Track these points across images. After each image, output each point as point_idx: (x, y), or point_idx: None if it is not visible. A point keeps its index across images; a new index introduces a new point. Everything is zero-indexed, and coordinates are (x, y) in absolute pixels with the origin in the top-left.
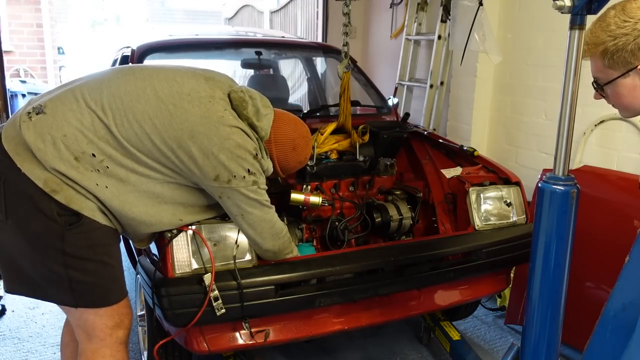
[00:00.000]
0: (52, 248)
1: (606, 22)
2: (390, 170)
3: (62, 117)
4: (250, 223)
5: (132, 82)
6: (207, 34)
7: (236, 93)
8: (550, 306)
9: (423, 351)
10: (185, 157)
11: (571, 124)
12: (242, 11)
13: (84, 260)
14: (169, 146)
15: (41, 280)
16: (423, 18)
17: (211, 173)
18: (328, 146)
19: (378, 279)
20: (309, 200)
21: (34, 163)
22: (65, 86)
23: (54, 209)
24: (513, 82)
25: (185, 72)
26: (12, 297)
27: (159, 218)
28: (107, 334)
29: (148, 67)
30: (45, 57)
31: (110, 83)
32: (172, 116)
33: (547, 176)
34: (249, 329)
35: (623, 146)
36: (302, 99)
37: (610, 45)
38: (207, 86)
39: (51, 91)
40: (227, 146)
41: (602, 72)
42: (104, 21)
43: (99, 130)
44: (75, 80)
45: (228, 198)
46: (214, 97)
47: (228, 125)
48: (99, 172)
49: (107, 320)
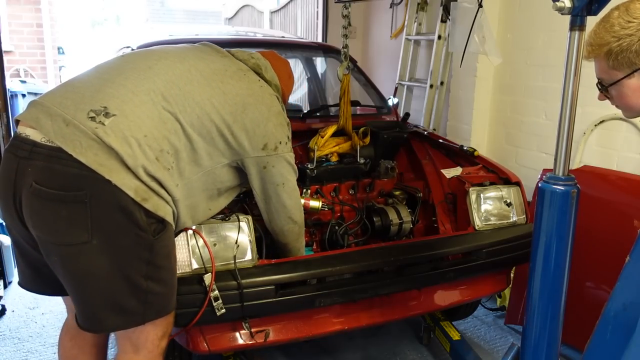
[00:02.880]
0: (139, 260)
1: (610, 23)
2: (391, 173)
3: (135, 115)
4: (289, 192)
5: (174, 65)
6: (207, 34)
7: (249, 61)
8: (551, 306)
9: (423, 351)
10: (239, 131)
11: (571, 125)
12: (242, 11)
13: (162, 269)
14: (227, 123)
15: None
16: (423, 18)
17: (260, 142)
18: (328, 149)
19: (378, 279)
20: (309, 205)
21: (123, 172)
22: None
23: (144, 219)
24: (513, 82)
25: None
26: (12, 297)
27: (197, 209)
28: (156, 345)
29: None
30: (45, 57)
31: (156, 70)
32: (225, 93)
33: (548, 176)
34: (249, 329)
35: (623, 146)
36: (302, 99)
37: (614, 47)
38: (229, 60)
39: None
40: (273, 113)
41: (607, 73)
42: (104, 21)
43: (168, 122)
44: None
45: (273, 167)
46: (242, 69)
47: (268, 94)
48: (170, 170)
49: (158, 330)
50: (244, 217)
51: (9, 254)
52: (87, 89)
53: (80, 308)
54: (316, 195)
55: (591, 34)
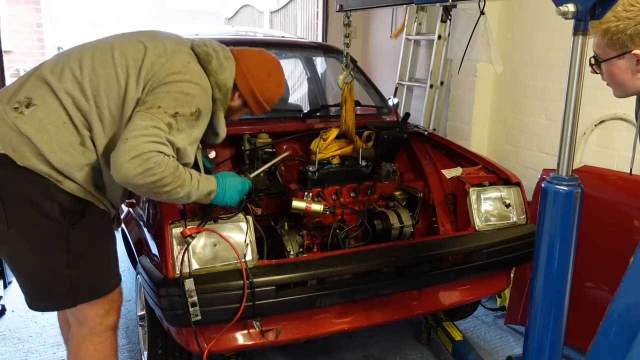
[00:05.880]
0: (57, 250)
1: (615, 3)
2: (392, 177)
3: (54, 103)
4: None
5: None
6: (207, 34)
7: (199, 47)
8: (554, 307)
9: (423, 351)
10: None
11: (575, 128)
12: (242, 11)
13: (85, 256)
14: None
15: (42, 289)
16: (423, 18)
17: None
18: (331, 152)
19: (378, 279)
20: (311, 208)
21: (34, 158)
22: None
23: (57, 210)
24: (513, 82)
25: (146, 33)
26: (12, 297)
27: None
28: (98, 322)
29: (109, 36)
30: (45, 57)
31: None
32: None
33: (551, 176)
34: (259, 327)
35: (623, 146)
36: (302, 99)
37: (612, 26)
38: (171, 42)
39: (22, 79)
40: (178, 87)
41: (601, 49)
42: (104, 21)
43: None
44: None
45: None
46: (180, 50)
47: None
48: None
49: (98, 309)
50: (245, 218)
51: None
52: (20, 81)
53: (21, 288)
54: (317, 199)
55: None
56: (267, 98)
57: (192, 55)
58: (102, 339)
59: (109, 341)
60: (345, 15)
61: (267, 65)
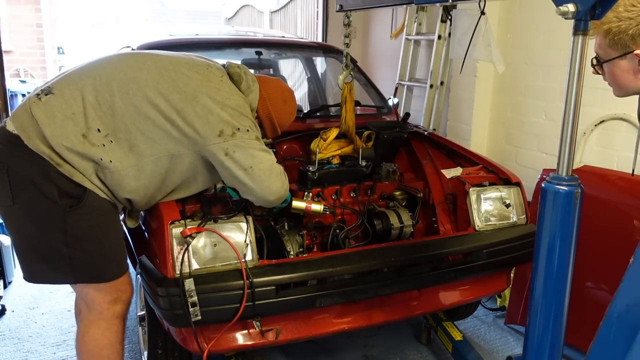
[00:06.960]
0: (56, 228)
1: (616, 4)
2: (392, 177)
3: (70, 95)
4: (261, 173)
5: (132, 57)
6: (207, 34)
7: (233, 68)
8: (554, 307)
9: (423, 351)
10: (191, 117)
11: (575, 128)
12: (242, 11)
13: (83, 239)
14: (176, 108)
15: (45, 260)
16: (423, 18)
17: (216, 129)
18: (331, 152)
19: (378, 279)
20: (311, 208)
21: (37, 139)
22: (71, 70)
23: (55, 192)
24: (513, 82)
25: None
26: (12, 297)
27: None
28: (105, 307)
29: (146, 51)
30: (45, 57)
31: (111, 60)
32: (175, 81)
33: (551, 176)
34: (259, 327)
35: (623, 146)
36: (302, 98)
37: (614, 26)
38: (202, 60)
39: (59, 75)
40: (229, 104)
41: (603, 49)
42: (104, 21)
43: (103, 105)
44: (79, 65)
45: (235, 152)
46: (210, 65)
47: (228, 85)
48: (104, 146)
49: (105, 295)
50: (245, 218)
51: (9, 254)
52: (60, 74)
53: (20, 262)
54: (317, 199)
55: None
56: (281, 122)
57: None
58: (109, 325)
59: (115, 328)
60: (345, 15)
61: (283, 92)
